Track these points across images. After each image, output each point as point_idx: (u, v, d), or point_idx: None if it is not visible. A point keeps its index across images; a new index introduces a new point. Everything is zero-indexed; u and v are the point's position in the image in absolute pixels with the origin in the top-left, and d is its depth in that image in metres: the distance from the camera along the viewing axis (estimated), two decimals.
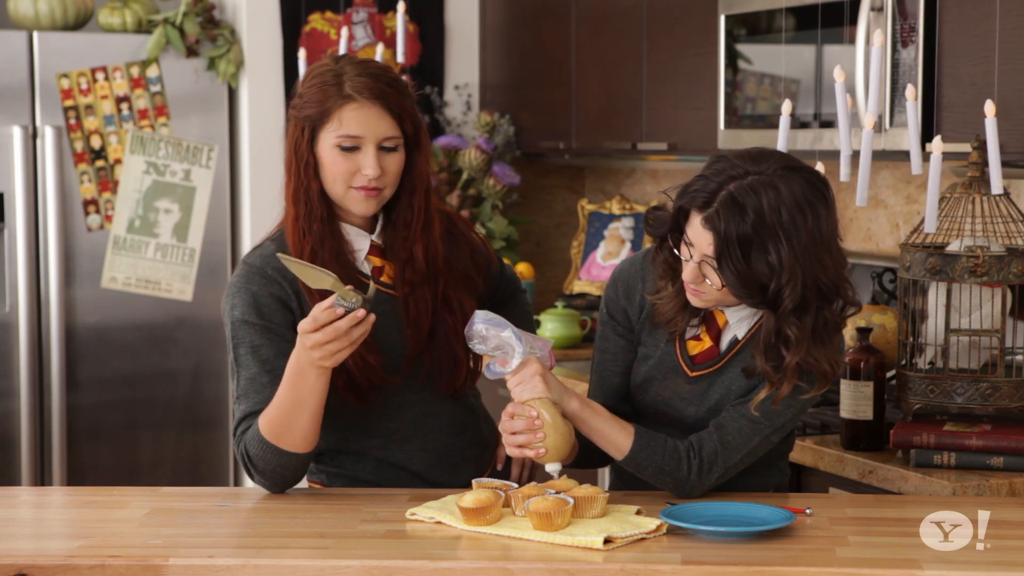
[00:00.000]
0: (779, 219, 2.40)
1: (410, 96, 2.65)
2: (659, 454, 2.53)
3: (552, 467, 2.48)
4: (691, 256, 2.47)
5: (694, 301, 2.54)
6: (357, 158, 2.59)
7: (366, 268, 2.68)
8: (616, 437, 2.53)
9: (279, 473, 2.58)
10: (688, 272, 2.49)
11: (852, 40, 3.41)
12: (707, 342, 2.62)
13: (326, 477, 2.75)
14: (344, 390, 2.62)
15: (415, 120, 2.65)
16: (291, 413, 2.53)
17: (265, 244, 2.70)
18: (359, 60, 2.65)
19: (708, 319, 2.62)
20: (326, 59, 2.66)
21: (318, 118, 2.59)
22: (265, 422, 2.55)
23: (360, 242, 2.68)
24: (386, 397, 2.66)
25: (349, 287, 2.45)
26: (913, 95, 2.84)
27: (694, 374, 2.62)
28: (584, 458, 2.64)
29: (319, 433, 2.58)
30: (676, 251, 2.51)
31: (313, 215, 2.63)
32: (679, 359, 2.63)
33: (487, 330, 2.47)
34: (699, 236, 2.44)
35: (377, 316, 2.52)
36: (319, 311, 2.45)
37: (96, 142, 4.84)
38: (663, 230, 2.52)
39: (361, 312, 2.44)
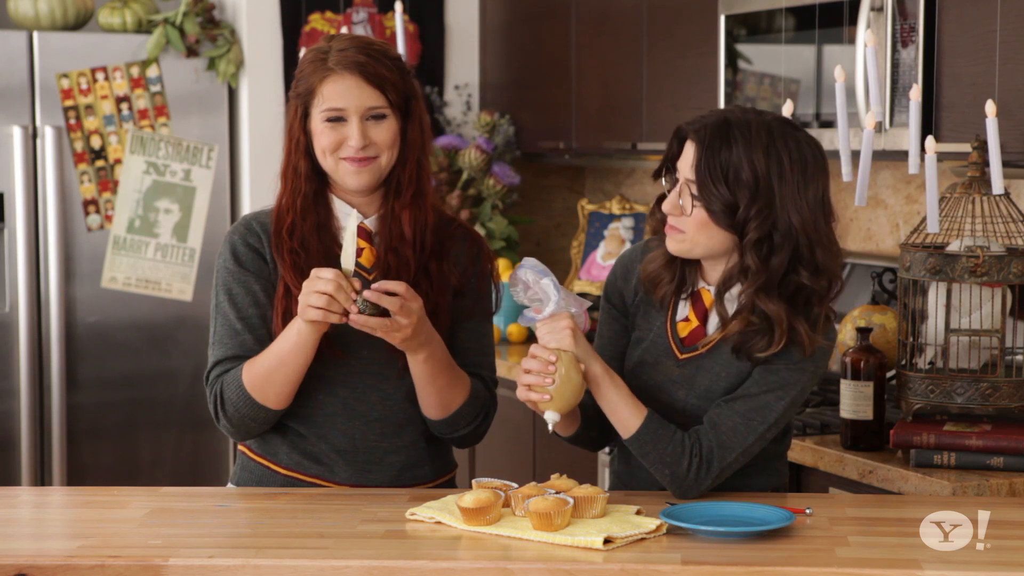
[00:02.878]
0: (765, 145, 2.49)
1: (398, 67, 2.68)
2: (664, 442, 2.53)
3: (550, 415, 2.49)
4: (676, 181, 2.55)
5: (671, 245, 2.58)
6: (343, 130, 2.65)
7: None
8: (627, 414, 2.54)
9: (246, 424, 2.68)
10: (669, 201, 2.55)
11: (852, 40, 3.41)
12: (694, 322, 2.64)
13: (254, 443, 2.77)
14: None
15: (401, 89, 2.67)
16: (270, 369, 2.63)
17: (267, 207, 2.79)
18: (350, 36, 2.71)
19: (694, 298, 2.64)
20: (323, 38, 2.73)
21: (307, 95, 2.67)
22: (247, 373, 2.65)
23: (347, 220, 2.71)
24: (326, 370, 2.67)
25: (356, 270, 2.56)
26: (917, 95, 2.83)
27: (683, 356, 2.63)
28: (584, 436, 2.67)
29: (294, 395, 2.66)
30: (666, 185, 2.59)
31: (297, 191, 2.70)
32: (670, 341, 2.65)
33: (527, 275, 2.50)
34: (686, 158, 2.53)
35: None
36: (347, 280, 2.54)
37: (96, 142, 4.84)
38: (661, 167, 2.61)
39: (354, 308, 2.53)
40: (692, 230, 2.54)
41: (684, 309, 2.65)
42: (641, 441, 2.54)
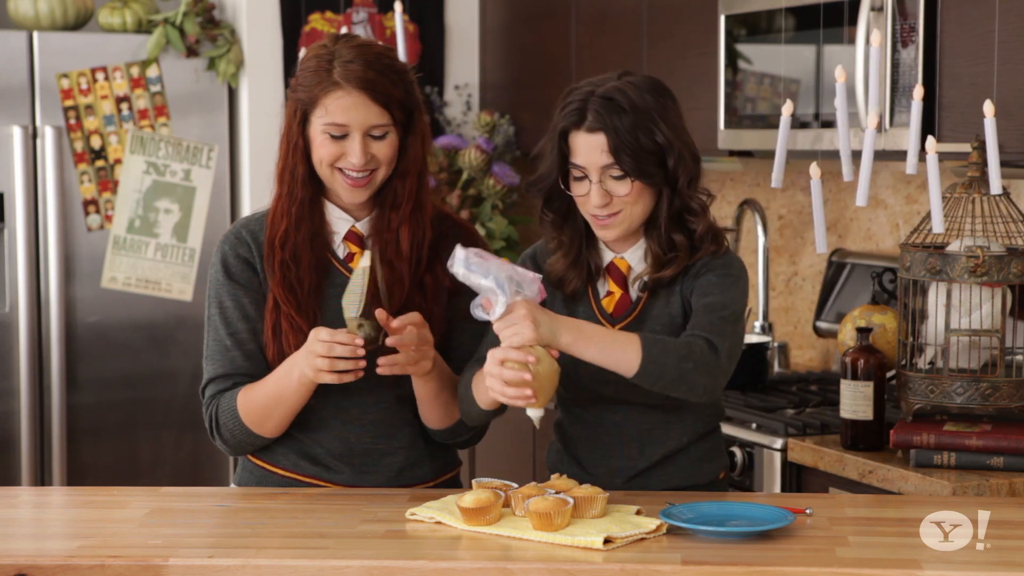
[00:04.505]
0: (648, 103, 2.56)
1: (404, 82, 2.65)
2: (671, 345, 2.48)
3: (534, 413, 2.45)
4: (589, 178, 2.56)
5: (606, 234, 2.62)
6: (344, 144, 2.62)
7: (341, 252, 2.70)
8: (621, 351, 2.47)
9: (242, 446, 2.71)
10: (595, 195, 2.57)
11: (852, 40, 3.41)
12: (618, 292, 2.65)
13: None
14: (277, 361, 2.65)
15: (406, 106, 2.65)
16: (269, 405, 2.63)
17: (260, 210, 2.78)
18: (356, 43, 2.64)
19: (610, 271, 2.65)
20: (326, 39, 2.68)
21: (308, 102, 2.63)
22: (244, 404, 2.65)
23: (340, 225, 2.70)
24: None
25: (360, 321, 2.52)
26: (920, 95, 2.83)
27: (617, 328, 2.62)
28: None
29: (291, 423, 2.67)
30: (567, 189, 2.60)
31: (294, 196, 2.67)
32: (600, 320, 2.64)
33: (466, 274, 2.42)
34: (590, 148, 2.56)
35: (337, 306, 2.61)
36: (344, 335, 2.52)
37: (96, 142, 4.84)
38: (550, 178, 2.61)
39: (360, 351, 2.51)
40: (628, 206, 2.58)
41: (604, 285, 2.67)
42: (651, 361, 2.45)
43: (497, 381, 2.42)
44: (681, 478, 2.67)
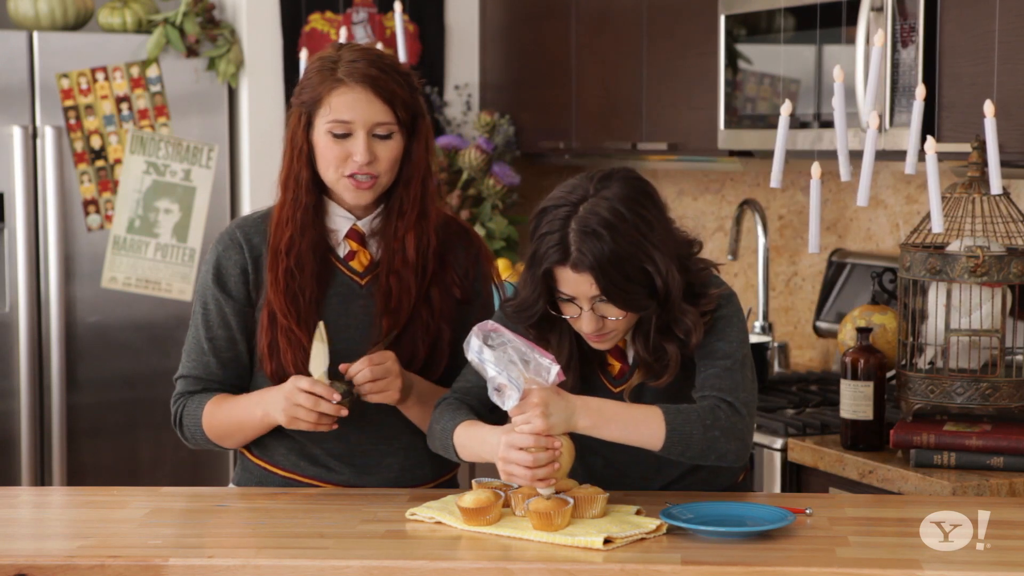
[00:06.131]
0: (629, 224, 2.42)
1: (408, 84, 2.64)
2: (694, 415, 2.46)
3: (547, 491, 2.41)
4: (580, 307, 2.47)
5: (602, 346, 2.54)
6: (348, 145, 2.60)
7: (342, 252, 2.69)
8: (645, 425, 2.45)
9: (201, 447, 2.79)
10: (587, 323, 2.48)
11: (852, 40, 3.41)
12: (616, 365, 2.61)
13: (253, 445, 2.77)
14: (275, 377, 2.66)
15: (410, 107, 2.63)
16: (231, 429, 2.70)
17: (259, 211, 2.78)
18: (361, 48, 2.65)
19: (610, 350, 2.61)
20: (330, 46, 2.68)
21: (312, 104, 2.62)
22: (208, 418, 2.72)
23: (341, 223, 2.69)
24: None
25: (330, 381, 2.57)
26: (923, 95, 2.83)
27: (618, 389, 2.60)
28: None
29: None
30: (557, 313, 2.51)
31: (298, 203, 2.66)
32: (603, 380, 2.61)
33: (480, 364, 2.38)
34: (578, 284, 2.44)
35: (337, 304, 2.64)
36: (323, 387, 2.54)
37: (96, 142, 4.84)
38: (535, 309, 2.51)
39: (344, 412, 2.56)
40: (622, 326, 2.51)
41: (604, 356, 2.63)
42: (676, 432, 2.44)
43: (520, 468, 2.36)
44: (699, 489, 2.65)
